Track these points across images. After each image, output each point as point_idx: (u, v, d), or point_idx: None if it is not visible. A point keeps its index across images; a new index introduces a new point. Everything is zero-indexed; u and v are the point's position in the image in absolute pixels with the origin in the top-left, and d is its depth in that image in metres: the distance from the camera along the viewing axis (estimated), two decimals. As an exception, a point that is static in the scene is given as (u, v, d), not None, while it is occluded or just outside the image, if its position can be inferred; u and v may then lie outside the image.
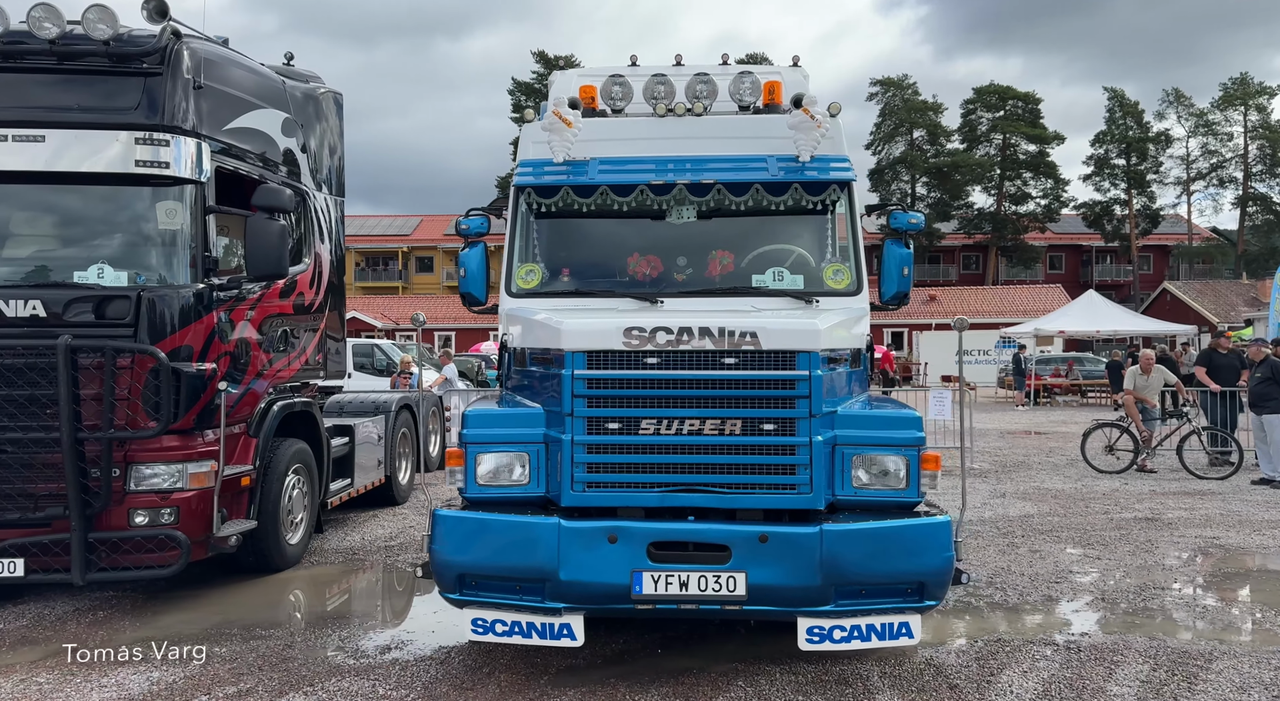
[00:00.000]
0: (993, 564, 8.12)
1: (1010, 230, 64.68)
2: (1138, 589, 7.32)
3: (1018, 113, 65.31)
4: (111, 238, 6.85)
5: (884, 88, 66.23)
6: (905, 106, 65.22)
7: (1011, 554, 8.54)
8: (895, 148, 66.26)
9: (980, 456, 16.08)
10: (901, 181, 66.07)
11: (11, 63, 6.69)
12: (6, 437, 6.34)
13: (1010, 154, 65.59)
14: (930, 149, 66.30)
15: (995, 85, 65.57)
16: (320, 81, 9.20)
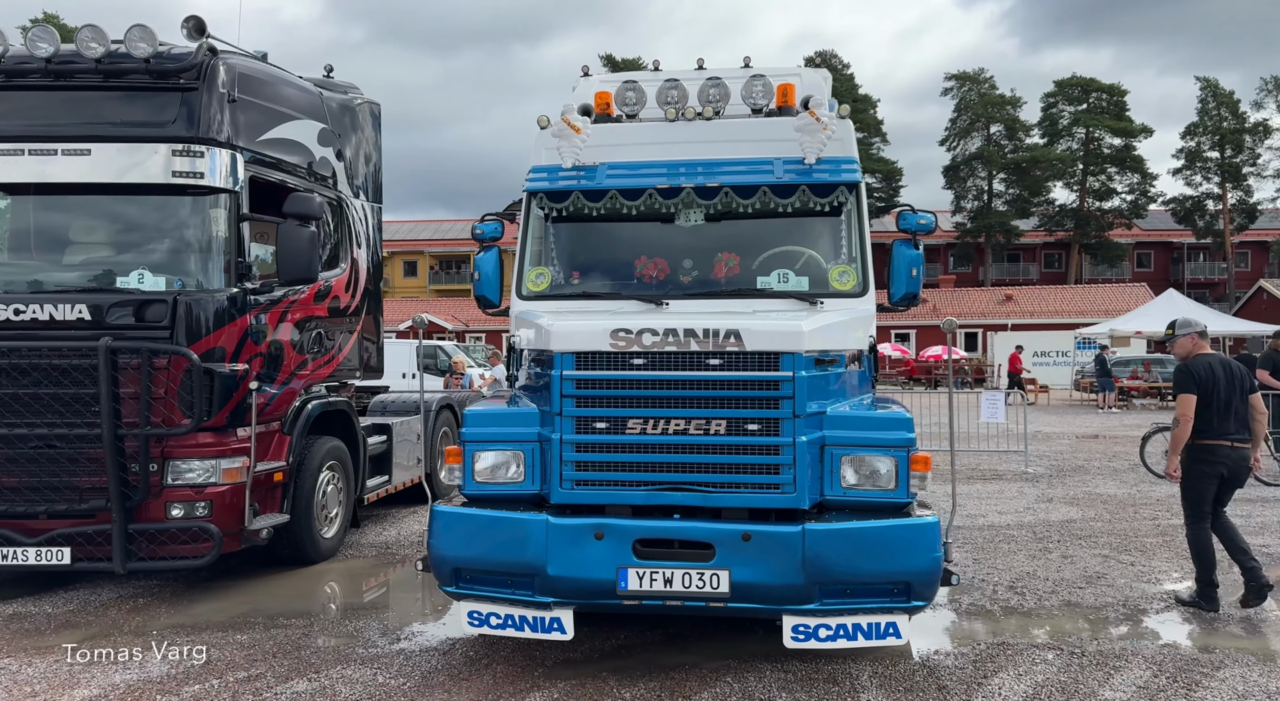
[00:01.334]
0: (1019, 568, 8.00)
1: (1094, 227, 62.78)
2: (1164, 595, 7.15)
3: (1102, 105, 63.35)
4: (151, 245, 7.23)
5: (959, 82, 64.93)
6: (981, 101, 63.79)
7: (1042, 558, 8.39)
8: (971, 143, 64.89)
9: (1038, 460, 15.73)
10: (978, 178, 64.65)
11: (62, 81, 7.13)
12: (55, 433, 6.76)
13: (1094, 148, 63.65)
14: (1008, 144, 64.70)
15: (1078, 77, 63.65)
16: (358, 92, 9.53)
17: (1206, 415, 6.66)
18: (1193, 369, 6.75)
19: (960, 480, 13.32)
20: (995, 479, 13.51)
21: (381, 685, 5.23)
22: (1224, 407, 6.66)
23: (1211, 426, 6.66)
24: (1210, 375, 6.70)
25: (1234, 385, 6.70)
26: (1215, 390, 6.65)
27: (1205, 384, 6.67)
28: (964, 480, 13.33)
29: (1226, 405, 6.66)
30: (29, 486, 6.84)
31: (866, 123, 60.78)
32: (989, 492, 12.19)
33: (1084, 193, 64.00)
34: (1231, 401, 6.68)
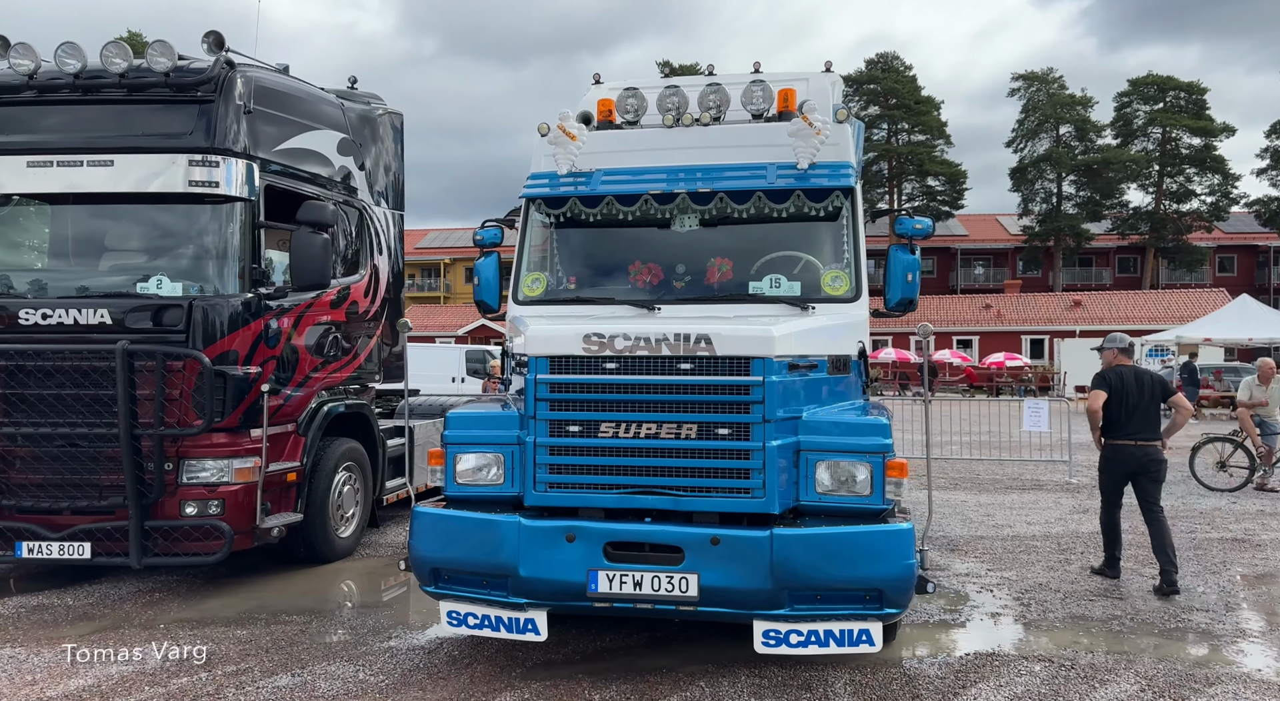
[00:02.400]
0: (1033, 579, 7.82)
1: (1171, 230, 60.76)
2: (1178, 610, 6.92)
3: (1179, 104, 61.32)
4: (170, 251, 7.51)
5: (1026, 83, 63.47)
6: (1050, 101, 62.26)
7: (1060, 569, 8.19)
8: (1039, 145, 63.35)
9: (1086, 470, 15.29)
10: (1046, 180, 63.10)
11: (89, 95, 7.45)
12: (77, 433, 7.06)
13: (1171, 148, 61.66)
14: (1078, 145, 63.06)
15: (1154, 76, 61.73)
16: (381, 103, 9.77)
17: (1116, 417, 7.69)
18: (1107, 375, 7.85)
19: (997, 490, 13.06)
20: (1034, 489, 13.19)
21: (360, 681, 5.35)
22: (1131, 411, 7.63)
23: (1119, 427, 7.69)
24: (1120, 382, 7.71)
25: (1143, 392, 7.67)
26: (1125, 395, 7.64)
27: (1115, 388, 7.70)
28: (1001, 490, 13.06)
29: (1134, 409, 7.63)
30: (53, 483, 7.15)
31: (929, 125, 59.89)
32: (1023, 503, 11.91)
33: (1160, 194, 62.01)
34: (1139, 405, 7.64)
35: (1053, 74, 63.81)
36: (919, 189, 62.43)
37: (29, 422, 7.06)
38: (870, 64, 61.47)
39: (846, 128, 6.73)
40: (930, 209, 61.97)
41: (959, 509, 11.33)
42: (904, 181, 61.61)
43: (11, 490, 7.17)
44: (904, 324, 50.59)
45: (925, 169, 60.14)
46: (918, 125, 60.64)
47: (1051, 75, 63.76)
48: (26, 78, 7.42)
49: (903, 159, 60.15)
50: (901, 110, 59.94)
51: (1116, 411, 7.68)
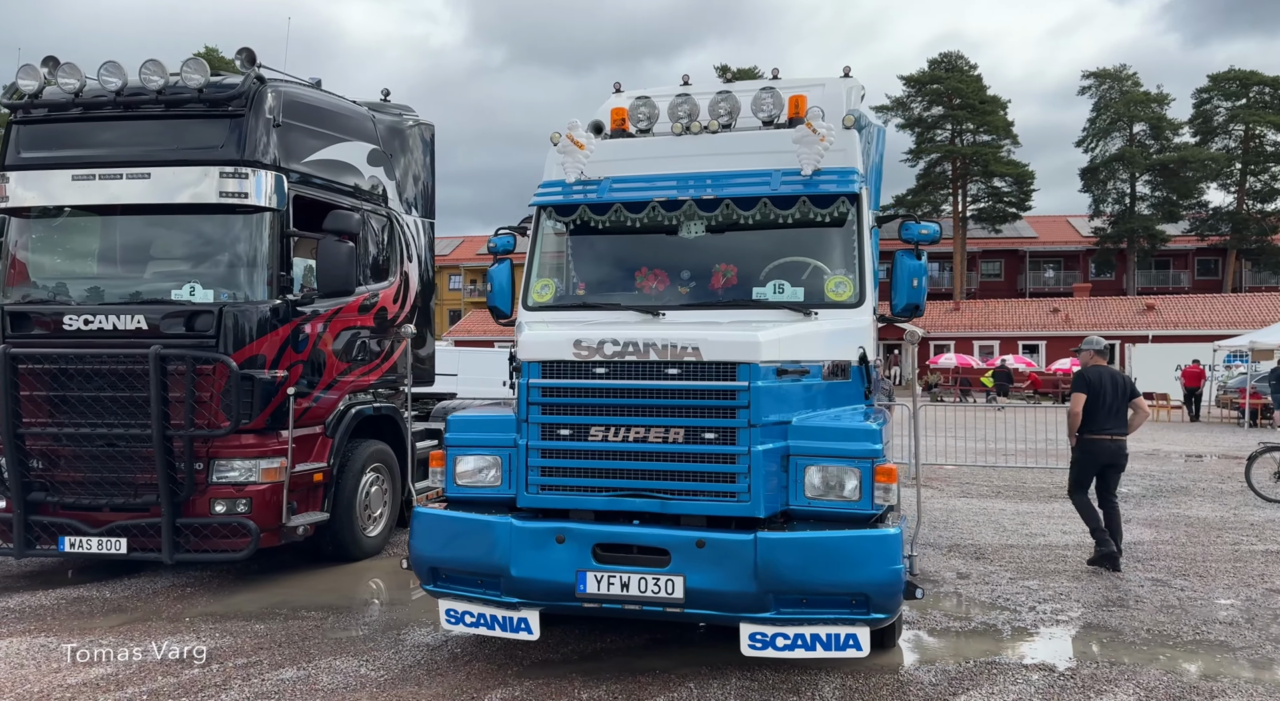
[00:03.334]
0: (1054, 588, 7.68)
1: (1254, 231, 58.60)
2: (1198, 622, 6.75)
3: (1264, 100, 59.10)
4: (203, 260, 7.84)
5: (1098, 80, 61.85)
6: (1123, 99, 60.58)
7: (1086, 579, 8.03)
8: (1111, 144, 61.68)
9: (1139, 479, 14.91)
10: (1119, 180, 61.46)
11: (130, 111, 7.82)
12: (114, 433, 7.41)
13: (1255, 146, 59.48)
14: (1153, 144, 61.22)
15: (1236, 71, 59.64)
16: (413, 115, 10.03)
17: (1094, 414, 8.35)
18: (1087, 376, 8.47)
19: (1040, 498, 12.80)
20: (1074, 497, 12.86)
21: (361, 676, 5.53)
22: (1108, 409, 8.35)
23: (1096, 423, 8.37)
24: (1099, 382, 8.37)
25: (1118, 392, 8.39)
26: (1102, 394, 8.32)
27: (1094, 387, 8.36)
28: (1044, 498, 12.80)
29: (1109, 407, 8.34)
30: (93, 481, 7.52)
31: (995, 125, 58.71)
32: (1064, 511, 11.63)
33: (1243, 194, 59.88)
34: (1114, 404, 8.36)
35: (1126, 71, 62.15)
36: (984, 190, 61.27)
37: (71, 423, 7.43)
38: (933, 64, 60.54)
39: (854, 133, 6.72)
40: (996, 211, 60.81)
41: (995, 516, 11.15)
42: (969, 183, 60.48)
43: (56, 487, 7.56)
44: (966, 328, 49.74)
45: (991, 170, 58.94)
46: (983, 125, 59.49)
47: (1124, 72, 62.08)
48: (73, 96, 7.82)
49: (967, 160, 59.07)
50: (966, 110, 58.87)
51: (1094, 409, 8.36)
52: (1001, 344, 49.26)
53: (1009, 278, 65.61)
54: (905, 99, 60.75)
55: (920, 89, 60.36)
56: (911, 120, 60.69)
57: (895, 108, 60.85)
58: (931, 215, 61.93)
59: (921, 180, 60.88)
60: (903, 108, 60.87)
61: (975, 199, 61.70)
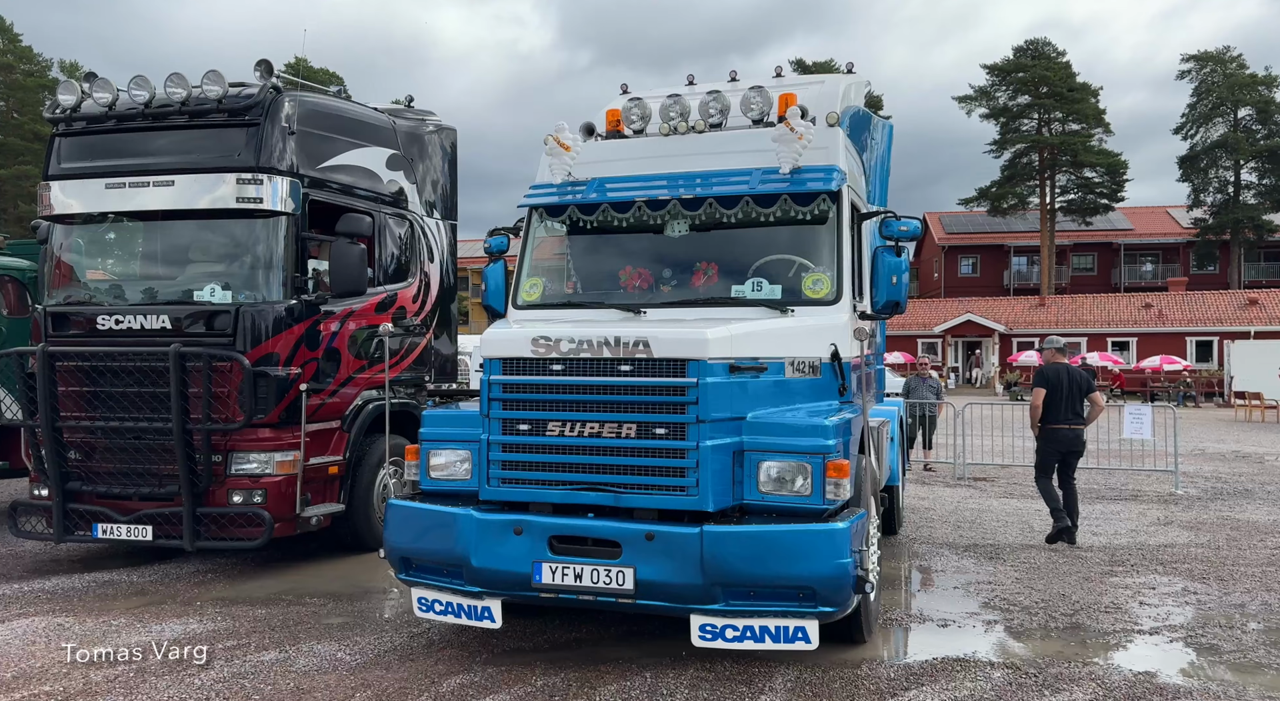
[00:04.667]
0: (1056, 590, 7.51)
1: (1375, 221, 55.22)
2: (1197, 625, 6.53)
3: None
4: (222, 262, 8.26)
5: (1199, 64, 59.09)
6: (1226, 82, 57.75)
7: (1096, 582, 7.83)
8: (1213, 130, 58.89)
9: (1199, 481, 14.36)
10: (1221, 167, 58.66)
11: (158, 122, 8.27)
12: (140, 427, 7.87)
13: (1375, 129, 56.04)
14: (1260, 129, 58.21)
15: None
16: (436, 119, 10.32)
17: (1053, 406, 9.33)
18: (1045, 372, 9.51)
19: (1086, 500, 12.40)
20: (1129, 499, 12.48)
21: (336, 659, 5.79)
22: (1064, 401, 9.29)
23: (1055, 414, 9.33)
24: (1056, 377, 9.35)
25: (1073, 386, 9.32)
26: (1059, 388, 9.29)
27: (1052, 383, 9.33)
28: (1089, 500, 12.42)
29: (1066, 399, 9.29)
30: (123, 472, 7.99)
31: (1085, 113, 56.55)
32: (1105, 513, 11.33)
33: (1359, 181, 56.50)
34: (1070, 397, 9.29)
35: (1229, 53, 59.20)
36: (1074, 181, 59.15)
37: (103, 417, 7.92)
38: (1018, 51, 58.59)
39: (837, 131, 6.71)
40: (1087, 202, 58.67)
41: (1027, 518, 10.90)
42: (1057, 173, 58.49)
43: (90, 477, 8.06)
44: (1051, 324, 48.18)
45: (1080, 160, 56.78)
46: (1072, 114, 57.36)
47: (1228, 55, 59.16)
48: (106, 109, 8.31)
49: (1055, 150, 57.10)
50: (1053, 98, 56.88)
51: (1053, 402, 9.33)
52: (1089, 341, 47.51)
53: (1102, 272, 63.29)
54: (989, 88, 59.01)
55: (1005, 78, 58.53)
56: (996, 110, 58.93)
57: (978, 97, 59.19)
58: (1018, 208, 60.13)
59: (1006, 172, 59.01)
60: (986, 97, 59.15)
61: (1064, 190, 59.60)
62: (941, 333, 48.46)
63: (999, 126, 59.18)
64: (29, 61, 55.87)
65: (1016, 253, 63.53)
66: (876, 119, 8.58)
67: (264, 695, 5.20)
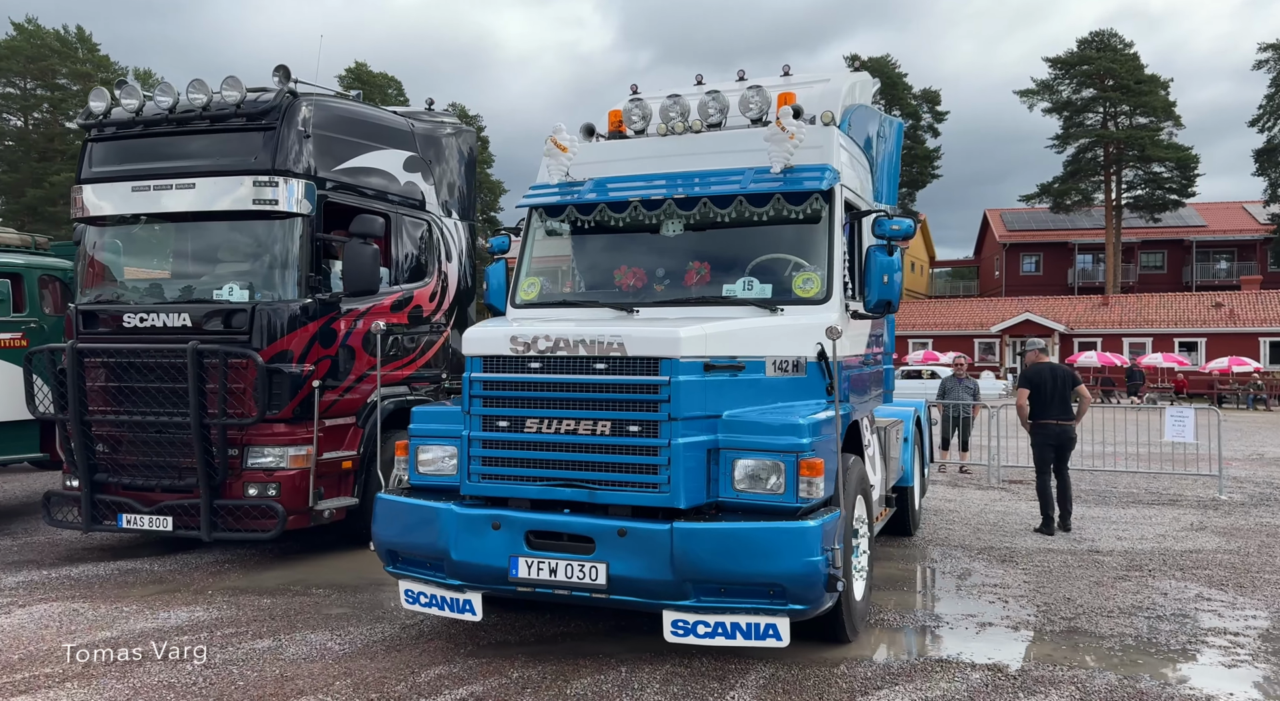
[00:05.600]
0: (1060, 594, 7.37)
1: None
2: (1200, 631, 6.35)
3: None
4: (241, 262, 8.51)
5: (1276, 53, 56.86)
6: (1304, 73, 55.52)
7: (1109, 586, 7.65)
8: (1292, 122, 56.66)
9: (1248, 486, 13.89)
10: (1299, 161, 56.34)
11: (181, 127, 8.56)
12: (161, 421, 8.16)
13: None
14: (1343, 121, 55.83)
15: None
16: (456, 122, 10.52)
17: (1040, 403, 9.88)
18: (1029, 374, 10.10)
19: (1119, 503, 12.14)
20: (1167, 504, 12.12)
21: (325, 648, 5.95)
22: (1049, 398, 9.83)
23: (1043, 411, 9.89)
24: (1039, 377, 9.92)
25: (1058, 384, 9.85)
26: (1043, 387, 9.85)
27: (1035, 383, 9.91)
28: (1124, 503, 12.14)
29: (1051, 396, 9.82)
30: (146, 464, 8.29)
31: (1154, 106, 54.87)
32: (1136, 517, 11.04)
33: None
34: (1055, 394, 9.82)
35: (1309, 42, 56.85)
36: (1141, 177, 57.49)
37: (127, 411, 8.23)
38: (1083, 43, 57.08)
39: (832, 130, 6.69)
40: (1155, 198, 57.00)
41: (1053, 520, 10.65)
42: (1123, 168, 56.88)
43: (115, 469, 8.38)
44: (1114, 324, 46.93)
45: (1148, 154, 55.12)
46: (1140, 107, 55.73)
47: (1307, 42, 56.82)
48: (133, 114, 8.64)
49: (1121, 145, 55.53)
50: (1120, 91, 55.34)
51: (1038, 400, 9.87)
52: (1154, 341, 46.14)
53: (1173, 270, 61.42)
54: (1051, 82, 57.62)
55: (1068, 71, 57.11)
56: (1059, 104, 57.54)
57: (1040, 91, 57.86)
58: (1082, 204, 58.67)
59: (1069, 167, 57.58)
60: (1048, 91, 57.78)
61: (1131, 186, 57.97)
62: (998, 332, 47.50)
63: (1061, 121, 57.83)
64: (106, 70, 57.87)
65: (1081, 250, 62.00)
66: (884, 116, 8.51)
67: (248, 681, 5.37)
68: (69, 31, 55.93)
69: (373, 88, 53.61)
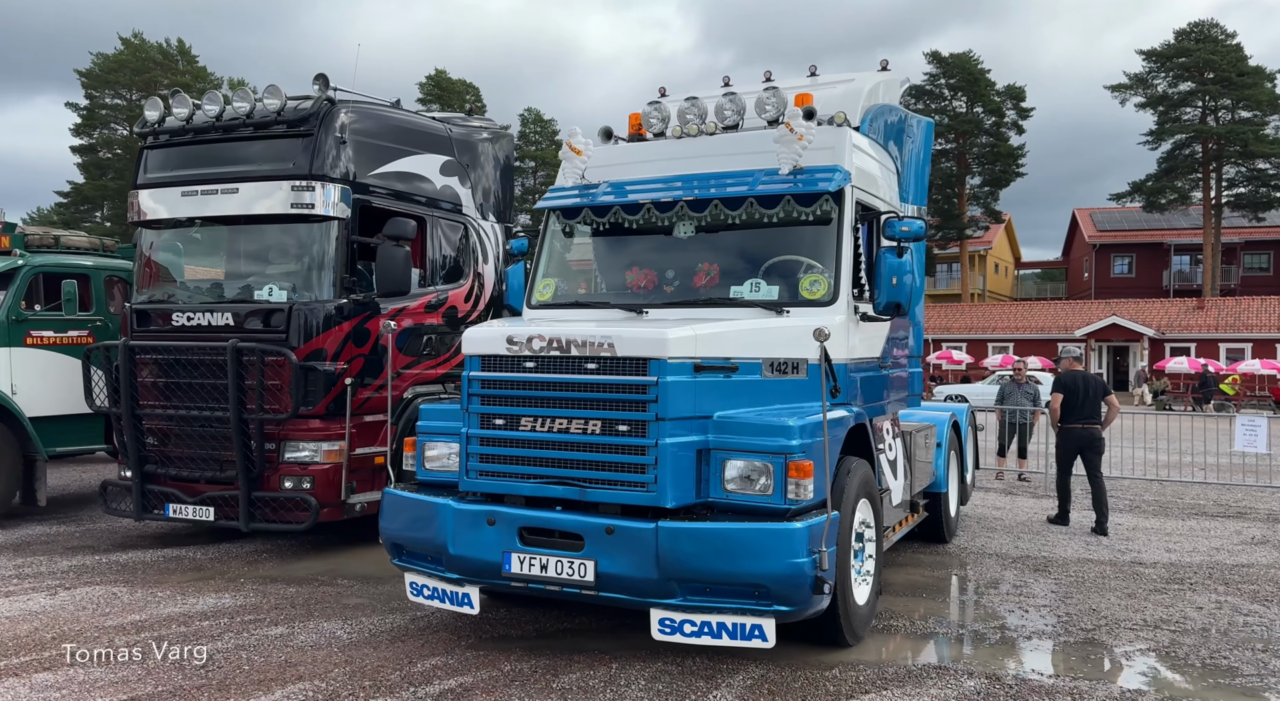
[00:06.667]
0: (1086, 605, 7.15)
1: None
2: (1226, 645, 6.09)
3: None
4: (280, 264, 8.84)
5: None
6: None
7: (1142, 598, 7.39)
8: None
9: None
10: None
11: (228, 134, 8.93)
12: (204, 415, 8.53)
13: None
14: None
15: None
16: (492, 126, 10.71)
17: (1070, 409, 10.38)
18: (1064, 379, 10.58)
19: (1179, 515, 11.69)
20: (1232, 516, 11.61)
21: (334, 637, 6.15)
22: (1080, 404, 10.35)
23: (1071, 415, 10.39)
24: (1073, 384, 10.44)
25: (1088, 390, 10.37)
26: (1076, 393, 10.37)
27: (1069, 389, 10.41)
28: (1184, 515, 11.69)
29: (1082, 402, 10.34)
30: (191, 457, 8.68)
31: (1258, 100, 52.36)
32: (1194, 529, 10.61)
33: None
34: (1086, 401, 10.35)
35: None
36: (1244, 174, 54.94)
37: (174, 406, 8.62)
38: (1180, 35, 54.84)
39: (844, 131, 6.66)
40: (1260, 196, 54.40)
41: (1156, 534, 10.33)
42: (1224, 165, 54.42)
43: (164, 460, 8.79)
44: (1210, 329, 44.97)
45: (1252, 150, 52.58)
46: (1242, 101, 53.26)
47: None
48: (184, 122, 9.05)
49: (1222, 141, 53.13)
50: (1220, 85, 52.98)
51: (1069, 405, 10.36)
52: (1254, 346, 44.01)
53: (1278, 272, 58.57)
54: (1145, 75, 55.49)
55: (1164, 63, 54.95)
56: (1153, 98, 55.39)
57: (1134, 85, 55.77)
58: (1178, 203, 56.35)
59: (1164, 164, 55.38)
60: (1142, 85, 55.66)
61: (1232, 184, 55.46)
62: (1083, 336, 45.92)
63: (1156, 116, 55.65)
64: (203, 80, 60.43)
65: (1177, 251, 59.56)
66: (912, 116, 8.37)
67: (253, 666, 5.59)
68: (170, 44, 58.49)
69: (450, 94, 54.81)
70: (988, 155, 58.21)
